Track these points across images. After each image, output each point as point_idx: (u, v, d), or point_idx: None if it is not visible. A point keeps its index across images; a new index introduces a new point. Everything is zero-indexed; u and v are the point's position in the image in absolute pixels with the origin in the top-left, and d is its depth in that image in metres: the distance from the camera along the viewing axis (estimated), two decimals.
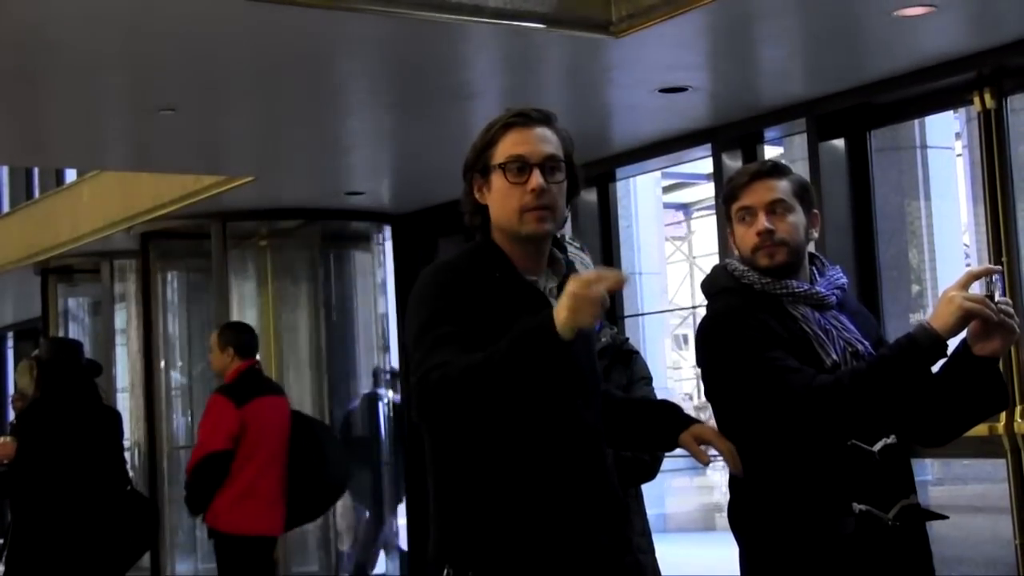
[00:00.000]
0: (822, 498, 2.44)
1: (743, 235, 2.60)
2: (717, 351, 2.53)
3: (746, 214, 2.59)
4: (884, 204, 5.99)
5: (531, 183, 2.32)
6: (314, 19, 4.34)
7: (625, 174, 7.25)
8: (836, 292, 2.61)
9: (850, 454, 2.45)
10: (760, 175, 2.61)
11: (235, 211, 8.16)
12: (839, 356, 2.50)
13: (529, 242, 2.36)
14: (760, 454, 2.49)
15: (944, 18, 4.58)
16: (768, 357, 2.44)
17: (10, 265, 10.94)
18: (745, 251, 2.60)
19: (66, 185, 10.20)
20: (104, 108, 5.64)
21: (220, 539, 5.56)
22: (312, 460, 5.75)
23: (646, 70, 5.17)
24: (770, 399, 2.42)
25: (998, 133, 5.19)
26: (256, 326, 8.74)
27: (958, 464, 6.16)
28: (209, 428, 5.55)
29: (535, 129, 2.37)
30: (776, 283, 2.56)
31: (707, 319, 2.60)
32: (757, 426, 2.48)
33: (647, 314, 11.79)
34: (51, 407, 5.42)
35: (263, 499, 5.58)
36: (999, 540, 5.60)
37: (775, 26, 4.73)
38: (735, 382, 2.49)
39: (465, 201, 2.42)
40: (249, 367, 5.71)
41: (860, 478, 2.44)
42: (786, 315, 2.53)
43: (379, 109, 5.74)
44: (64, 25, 4.32)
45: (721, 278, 2.64)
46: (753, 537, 2.53)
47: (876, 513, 2.43)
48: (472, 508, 2.26)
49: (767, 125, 6.05)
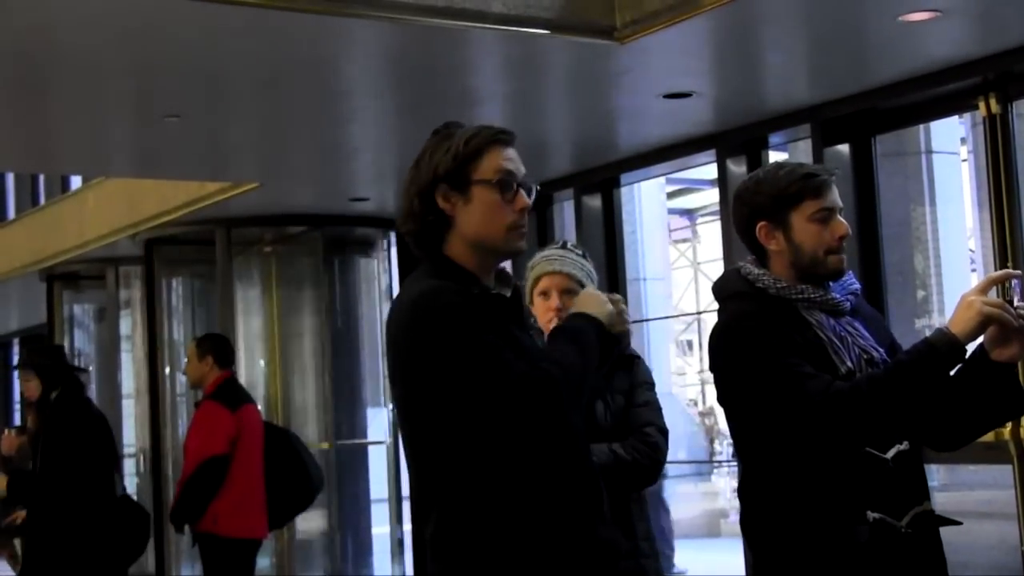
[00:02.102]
0: (836, 506, 2.41)
1: (819, 234, 2.54)
2: (733, 357, 2.49)
3: (827, 214, 2.56)
4: (889, 209, 5.98)
5: (519, 202, 2.34)
6: (318, 26, 4.34)
7: (630, 180, 7.25)
8: (850, 298, 2.59)
9: (863, 461, 2.42)
10: (833, 178, 2.61)
11: (240, 217, 8.17)
12: (854, 363, 2.47)
13: (495, 257, 2.38)
14: (774, 461, 2.47)
15: (949, 23, 4.57)
16: (785, 363, 2.41)
17: (15, 272, 10.95)
18: (816, 251, 2.54)
19: (71, 192, 10.23)
20: (109, 115, 5.65)
21: (216, 543, 5.59)
22: (294, 465, 5.94)
23: (650, 76, 5.17)
24: (787, 406, 2.39)
25: (1003, 138, 5.18)
26: (261, 332, 8.81)
27: (964, 470, 6.14)
28: (206, 434, 5.60)
29: (512, 148, 2.39)
30: (792, 288, 2.53)
31: (721, 324, 2.56)
32: (772, 433, 2.45)
33: (652, 320, 11.79)
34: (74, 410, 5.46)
35: (258, 503, 5.68)
36: (1006, 546, 5.58)
37: (780, 31, 4.73)
38: (751, 388, 2.46)
39: (419, 207, 2.35)
40: (231, 376, 5.80)
41: (874, 485, 2.42)
42: (801, 321, 2.50)
43: (383, 115, 5.74)
44: (69, 32, 4.32)
45: (734, 282, 2.60)
46: (766, 545, 2.51)
47: (889, 521, 2.41)
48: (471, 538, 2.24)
49: (772, 130, 6.04)
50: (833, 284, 2.59)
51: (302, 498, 6.08)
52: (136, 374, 9.87)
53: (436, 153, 2.35)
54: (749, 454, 2.55)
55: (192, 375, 5.87)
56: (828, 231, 2.55)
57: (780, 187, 2.58)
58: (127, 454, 9.55)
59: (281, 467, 5.86)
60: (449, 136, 2.37)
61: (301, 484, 5.97)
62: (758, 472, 2.51)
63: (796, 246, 2.55)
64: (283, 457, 5.90)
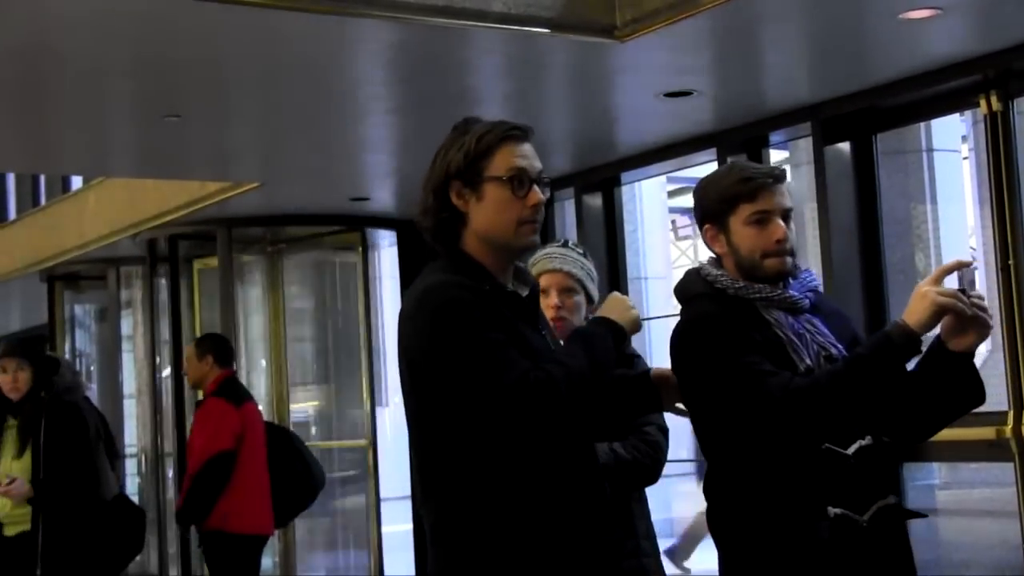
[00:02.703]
0: (798, 502, 2.43)
1: (754, 237, 2.54)
2: (693, 356, 2.51)
3: (762, 217, 2.54)
4: (890, 208, 5.98)
5: (532, 198, 2.36)
6: (319, 25, 4.34)
7: (630, 179, 7.24)
8: (809, 295, 2.59)
9: (824, 458, 2.43)
10: (779, 179, 2.56)
11: (241, 217, 8.17)
12: (813, 360, 2.48)
13: (509, 253, 2.39)
14: (736, 460, 2.49)
15: (950, 21, 4.57)
16: (744, 362, 2.42)
17: (17, 272, 10.96)
18: (752, 255, 2.54)
19: (72, 192, 10.23)
20: (110, 115, 5.65)
21: (224, 540, 5.58)
22: (297, 462, 5.97)
23: (651, 74, 5.17)
24: (748, 403, 2.40)
25: (1005, 136, 5.18)
26: (262, 332, 8.81)
27: (966, 468, 6.13)
28: (212, 430, 5.60)
29: (527, 144, 2.40)
30: (750, 287, 2.53)
31: (681, 324, 2.57)
32: (734, 431, 2.47)
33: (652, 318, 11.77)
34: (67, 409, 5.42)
35: (264, 500, 5.69)
36: (1007, 544, 5.58)
37: (780, 30, 4.73)
38: (712, 387, 2.47)
39: (434, 205, 2.38)
40: (232, 375, 5.81)
41: (835, 481, 2.43)
42: (759, 320, 2.51)
43: (384, 115, 5.74)
44: (69, 32, 4.32)
45: (694, 284, 2.61)
46: (732, 543, 2.52)
47: (851, 516, 2.42)
48: (469, 529, 2.26)
49: (772, 129, 6.04)
50: (792, 282, 2.59)
51: (305, 495, 6.09)
52: (137, 374, 9.87)
53: (451, 150, 2.38)
54: (713, 452, 2.56)
55: (193, 376, 5.88)
56: (764, 234, 2.53)
57: (719, 190, 2.58)
58: (128, 454, 9.55)
59: (284, 465, 5.88)
60: (465, 132, 2.39)
61: (304, 482, 6.00)
62: (722, 470, 2.52)
63: (735, 249, 2.56)
64: (285, 455, 5.91)
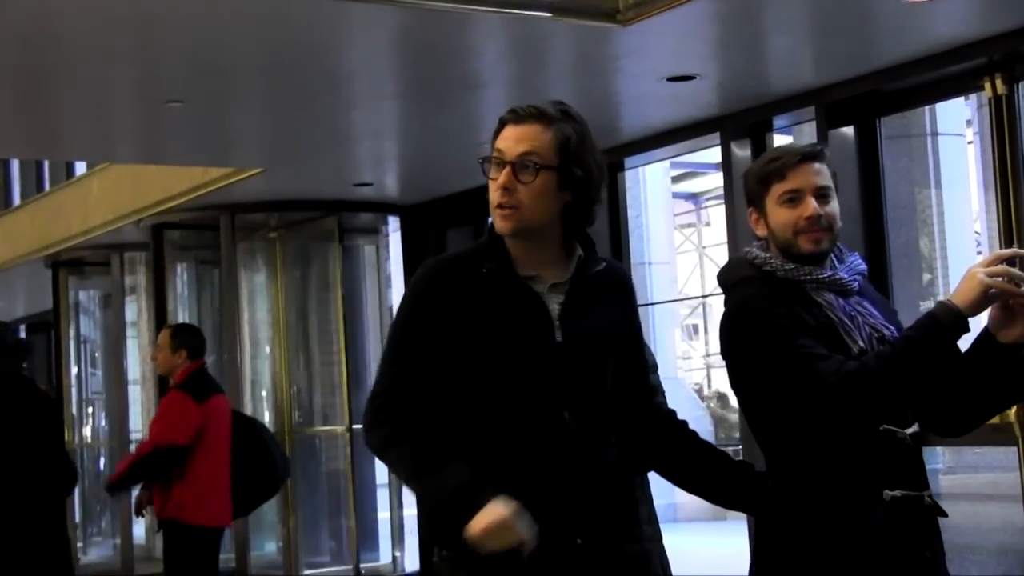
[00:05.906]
0: (854, 487, 2.41)
1: (785, 217, 2.51)
2: (744, 341, 2.47)
3: (794, 196, 2.51)
4: (894, 192, 5.97)
5: (499, 180, 2.34)
6: (322, 10, 4.34)
7: (634, 163, 7.23)
8: (857, 278, 2.58)
9: (882, 440, 2.42)
10: (810, 157, 2.53)
11: (244, 203, 8.17)
12: (866, 342, 2.45)
13: (520, 238, 2.37)
14: (790, 445, 2.46)
15: (954, 3, 4.55)
16: (796, 345, 2.39)
17: (21, 258, 10.97)
18: (786, 234, 2.51)
19: (76, 178, 10.23)
20: (113, 101, 5.65)
21: (179, 530, 5.63)
22: (260, 454, 6.01)
23: (654, 59, 5.15)
24: (801, 388, 2.38)
25: (1009, 119, 5.16)
26: (265, 317, 8.82)
27: (969, 452, 6.14)
28: (169, 423, 5.64)
29: (521, 126, 2.36)
30: (800, 269, 2.50)
31: (731, 309, 2.53)
32: (787, 416, 2.44)
33: (657, 304, 11.79)
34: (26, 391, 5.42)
35: (223, 492, 5.75)
36: (1011, 528, 5.59)
37: (783, 13, 4.71)
38: (764, 372, 2.44)
39: None
40: (201, 367, 5.84)
41: (893, 463, 2.42)
42: (811, 302, 2.48)
43: (387, 100, 5.73)
44: (72, 18, 4.32)
45: (740, 268, 2.58)
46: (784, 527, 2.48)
47: (912, 495, 2.41)
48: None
49: (776, 113, 6.02)
50: (840, 264, 2.58)
51: (267, 487, 6.16)
52: (142, 361, 9.89)
53: None
54: (766, 439, 2.53)
55: (163, 364, 5.88)
56: (795, 212, 2.51)
57: (755, 173, 2.57)
58: (133, 439, 9.57)
59: (247, 456, 5.93)
60: None
61: (267, 473, 6.05)
62: (775, 456, 2.50)
63: (772, 230, 2.55)
64: (249, 446, 5.96)
